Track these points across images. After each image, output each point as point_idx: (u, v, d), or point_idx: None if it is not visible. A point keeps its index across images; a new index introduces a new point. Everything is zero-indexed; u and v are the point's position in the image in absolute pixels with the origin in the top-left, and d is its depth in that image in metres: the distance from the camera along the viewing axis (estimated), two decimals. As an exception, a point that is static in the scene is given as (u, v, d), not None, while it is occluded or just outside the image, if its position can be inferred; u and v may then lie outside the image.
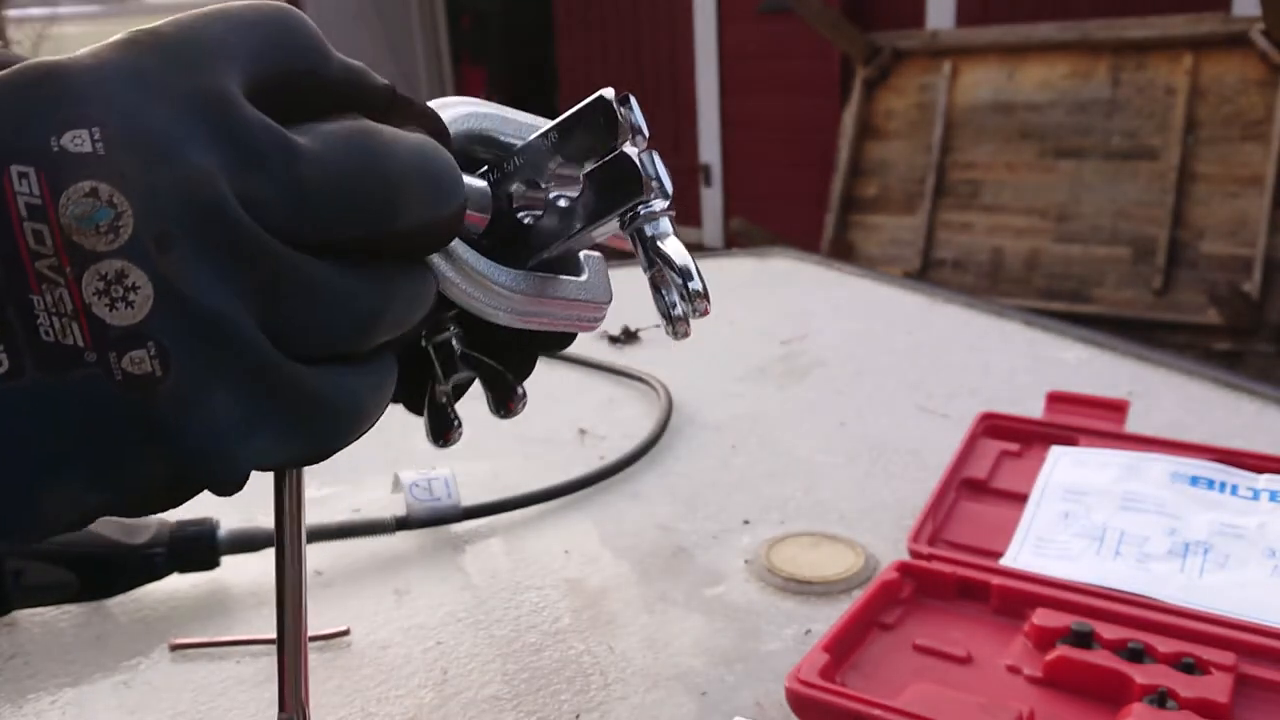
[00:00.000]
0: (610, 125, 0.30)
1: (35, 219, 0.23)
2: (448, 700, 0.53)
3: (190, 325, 0.24)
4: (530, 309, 0.32)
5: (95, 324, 0.23)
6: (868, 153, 3.98)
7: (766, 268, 1.34)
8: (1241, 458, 0.65)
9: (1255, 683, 0.49)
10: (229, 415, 0.25)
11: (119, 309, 0.23)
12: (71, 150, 0.23)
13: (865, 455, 0.79)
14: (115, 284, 0.23)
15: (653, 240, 0.31)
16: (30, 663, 0.57)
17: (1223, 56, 3.32)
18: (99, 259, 0.23)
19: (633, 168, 0.30)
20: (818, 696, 0.47)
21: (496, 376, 0.37)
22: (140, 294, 0.23)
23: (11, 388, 0.23)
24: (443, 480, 0.69)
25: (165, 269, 0.23)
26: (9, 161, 0.23)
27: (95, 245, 0.23)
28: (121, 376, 0.23)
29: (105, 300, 0.23)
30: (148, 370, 0.24)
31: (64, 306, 0.23)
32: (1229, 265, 3.21)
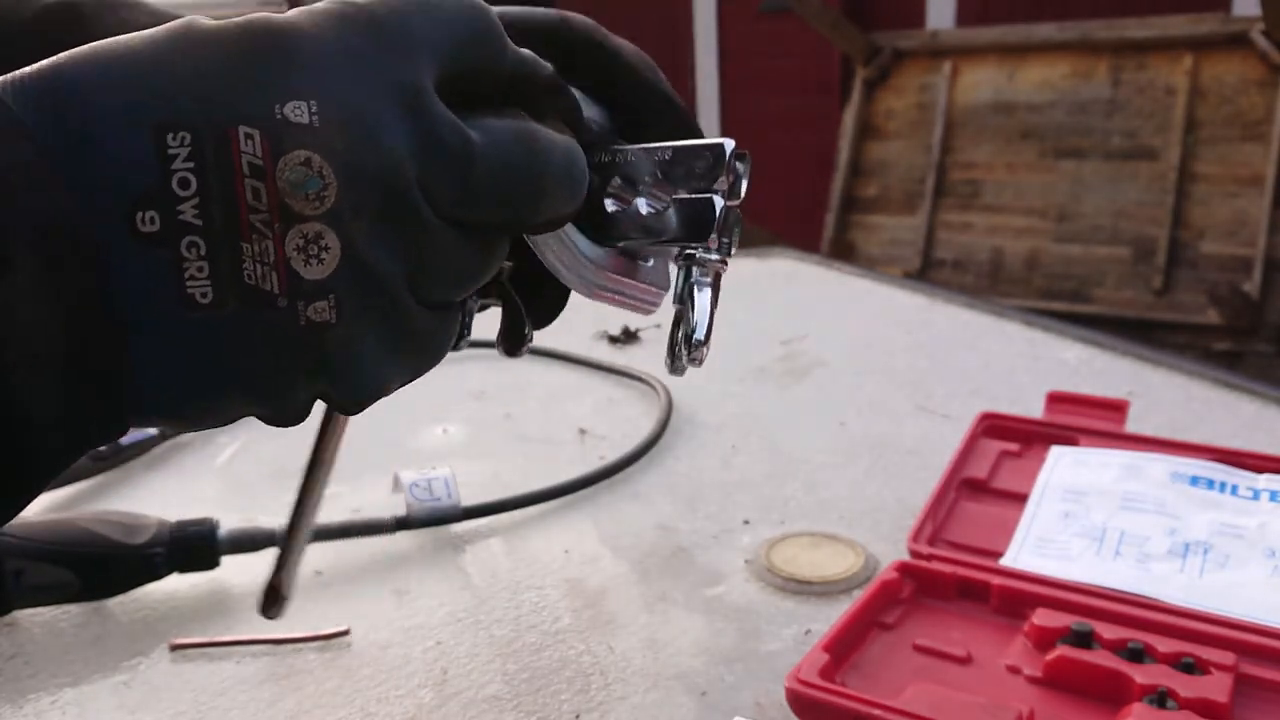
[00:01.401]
0: (715, 170, 0.33)
1: (255, 177, 0.26)
2: (448, 700, 0.53)
3: (364, 284, 0.28)
4: (603, 283, 0.35)
5: (292, 276, 0.27)
6: (868, 153, 3.98)
7: (766, 268, 1.34)
8: (1241, 458, 0.65)
9: (1255, 683, 0.49)
10: (375, 354, 0.29)
11: (312, 265, 0.27)
12: (292, 119, 0.27)
13: (865, 455, 0.79)
14: (313, 243, 0.27)
15: (692, 284, 0.34)
16: (30, 663, 0.57)
17: (1223, 57, 3.32)
18: (304, 220, 0.27)
19: (710, 217, 0.33)
20: (818, 696, 0.47)
21: (517, 314, 0.39)
22: (330, 254, 0.27)
23: (212, 316, 0.27)
24: (443, 480, 0.69)
25: (353, 235, 0.27)
26: (238, 122, 0.26)
27: (303, 209, 0.27)
28: (304, 322, 0.28)
29: (302, 256, 0.27)
30: (326, 319, 0.28)
31: (268, 257, 0.27)
32: (1229, 265, 3.21)
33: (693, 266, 0.34)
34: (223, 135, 0.26)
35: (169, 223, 0.26)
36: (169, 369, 0.27)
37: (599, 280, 0.35)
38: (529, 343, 0.39)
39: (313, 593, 0.63)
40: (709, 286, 0.34)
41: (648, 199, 0.34)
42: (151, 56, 0.27)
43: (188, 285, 0.26)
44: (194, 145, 0.26)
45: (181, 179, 0.26)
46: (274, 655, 0.57)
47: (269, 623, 0.59)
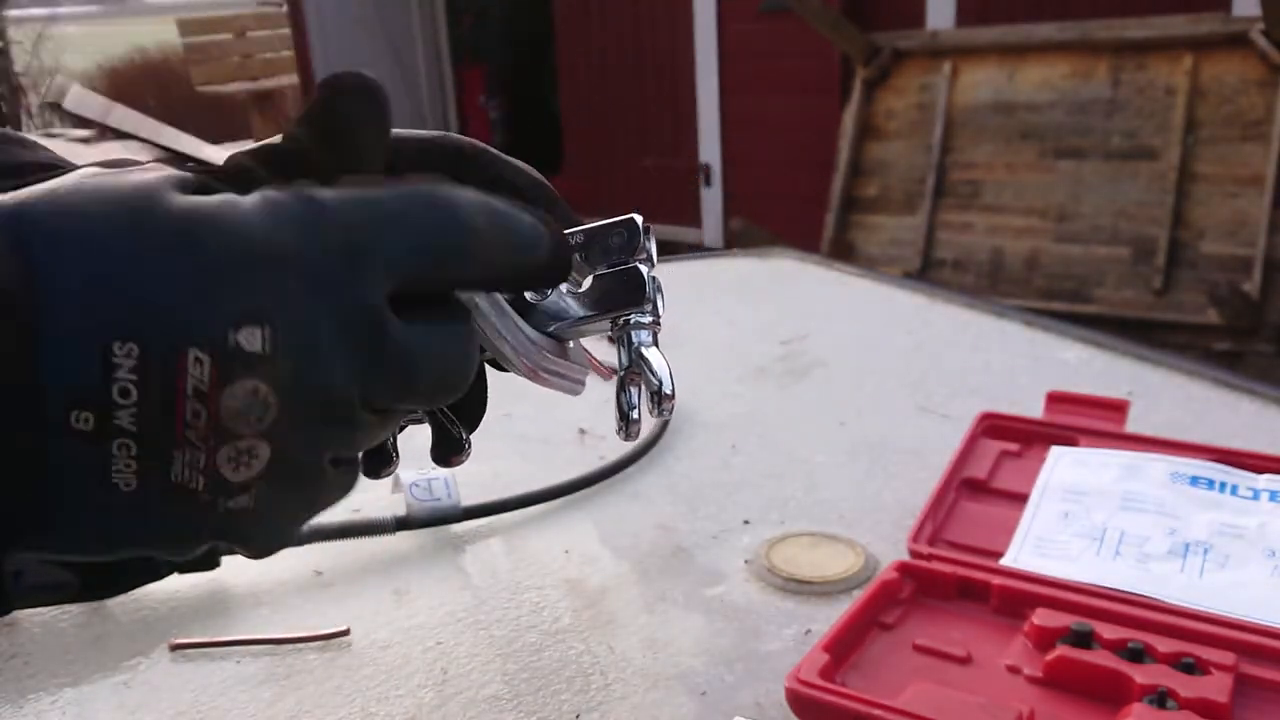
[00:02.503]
0: (633, 242, 0.35)
1: (198, 400, 0.27)
2: (448, 700, 0.53)
3: (288, 478, 0.29)
4: (546, 365, 0.36)
5: (216, 478, 0.28)
6: (868, 153, 3.98)
7: (766, 268, 1.34)
8: (1241, 458, 0.65)
9: (1255, 683, 0.49)
10: (286, 519, 0.31)
11: (240, 470, 0.28)
12: (245, 348, 0.27)
13: (865, 455, 0.79)
14: (244, 454, 0.28)
15: (637, 346, 0.36)
16: (30, 663, 0.57)
17: (1223, 56, 3.32)
18: (239, 439, 0.27)
19: (641, 282, 0.35)
20: (818, 696, 0.47)
21: (447, 426, 0.40)
22: (259, 460, 0.28)
23: (130, 496, 0.27)
24: (443, 480, 0.69)
25: (287, 446, 0.28)
26: (189, 345, 0.27)
27: (240, 430, 0.27)
28: (224, 510, 0.28)
29: (231, 465, 0.28)
30: (246, 506, 0.29)
31: (197, 464, 0.27)
32: (1229, 265, 3.21)
33: (631, 332, 0.36)
34: (171, 354, 0.26)
35: (103, 426, 0.26)
36: (82, 527, 0.28)
37: (547, 364, 0.36)
38: (468, 451, 0.40)
39: (313, 593, 0.63)
40: (654, 345, 0.36)
41: (569, 283, 0.36)
42: (113, 251, 0.27)
43: (113, 475, 0.27)
44: (140, 359, 0.26)
45: (122, 389, 0.26)
46: (274, 655, 0.57)
47: (269, 623, 0.59)
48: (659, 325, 0.36)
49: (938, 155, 3.76)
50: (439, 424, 0.40)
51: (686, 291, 1.24)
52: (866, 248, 3.90)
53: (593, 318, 0.36)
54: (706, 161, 5.44)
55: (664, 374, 0.36)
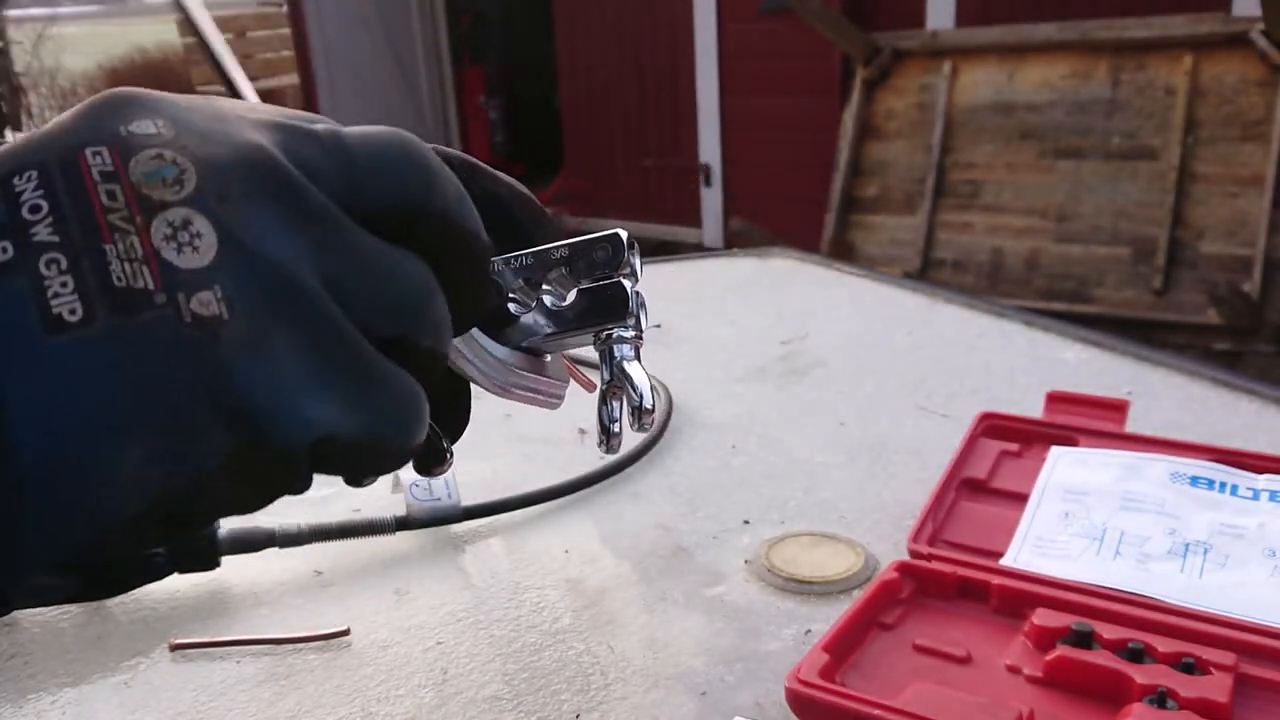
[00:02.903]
0: (618, 257, 0.35)
1: (108, 181, 0.25)
2: (448, 700, 0.53)
3: (252, 271, 0.25)
4: (515, 382, 0.37)
5: (165, 267, 0.24)
6: (868, 153, 3.98)
7: (766, 268, 1.34)
8: (1241, 458, 0.65)
9: (1255, 683, 0.49)
10: (293, 368, 0.25)
11: (185, 253, 0.25)
12: (138, 132, 0.25)
13: (865, 455, 0.79)
14: (181, 230, 0.25)
15: (619, 360, 0.36)
16: (30, 663, 0.57)
17: (1223, 56, 3.33)
18: (166, 207, 0.25)
19: (624, 296, 0.35)
20: (818, 696, 0.47)
21: (429, 437, 0.40)
22: (204, 240, 0.25)
23: (83, 336, 0.24)
24: (443, 480, 0.69)
25: (227, 218, 0.25)
26: (83, 146, 0.25)
27: (163, 196, 0.25)
28: (190, 318, 0.24)
29: (173, 245, 0.24)
30: (214, 312, 0.24)
31: (135, 252, 0.24)
32: (1229, 265, 3.21)
33: (614, 346, 0.36)
34: (71, 160, 0.25)
35: (23, 247, 0.24)
36: (46, 417, 0.23)
37: (512, 380, 0.36)
38: (450, 461, 0.39)
39: (312, 593, 0.63)
40: (636, 360, 0.36)
41: (551, 296, 0.36)
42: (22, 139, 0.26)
43: (53, 305, 0.24)
44: (40, 177, 0.24)
45: (32, 205, 0.24)
46: (274, 655, 0.57)
47: (269, 623, 0.59)
48: (641, 340, 0.36)
49: (938, 155, 3.76)
50: None
51: (686, 291, 1.24)
52: (866, 248, 3.90)
53: (575, 331, 0.36)
54: (706, 161, 5.44)
55: (645, 389, 0.36)
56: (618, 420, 0.37)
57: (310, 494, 0.41)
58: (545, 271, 0.36)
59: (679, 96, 5.48)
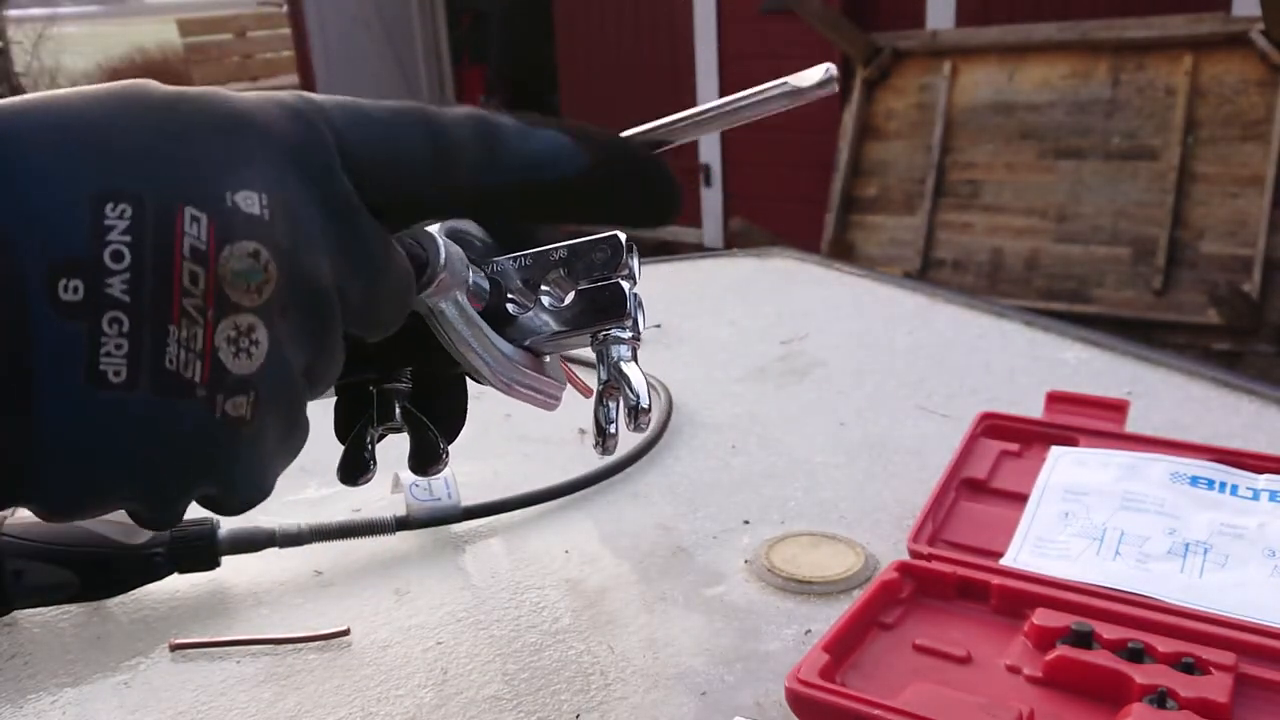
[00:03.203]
0: (616, 259, 0.36)
1: (196, 261, 0.25)
2: (448, 700, 0.53)
3: (281, 383, 0.27)
4: (518, 379, 0.37)
5: (217, 367, 0.26)
6: (868, 153, 3.98)
7: (766, 268, 1.34)
8: (1241, 458, 0.65)
9: (1255, 683, 0.49)
10: (271, 451, 0.29)
11: (240, 359, 0.26)
12: (243, 209, 0.26)
13: (865, 455, 0.79)
14: (244, 336, 0.26)
15: (616, 361, 0.36)
16: (30, 663, 0.57)
17: (1223, 56, 3.32)
18: (239, 312, 0.26)
19: (622, 298, 0.36)
20: (818, 696, 0.47)
21: (425, 436, 0.41)
22: (259, 350, 0.26)
23: (120, 397, 0.25)
24: (443, 480, 0.69)
25: (280, 332, 0.27)
26: (186, 203, 0.25)
27: (240, 300, 0.26)
28: (220, 414, 0.26)
29: (232, 349, 0.26)
30: (242, 414, 0.27)
31: (195, 344, 0.25)
32: (1229, 265, 3.21)
33: (611, 347, 0.36)
34: (167, 213, 0.25)
35: (93, 294, 0.24)
36: (64, 451, 0.25)
37: (519, 377, 0.37)
38: (446, 460, 0.40)
39: (313, 593, 0.63)
40: (633, 361, 0.37)
41: (550, 297, 0.36)
42: (99, 118, 0.25)
43: (101, 361, 0.24)
44: (134, 219, 0.24)
45: (115, 251, 0.24)
46: (274, 655, 0.57)
47: (269, 623, 0.59)
48: (639, 341, 0.37)
49: (937, 155, 3.76)
50: (418, 433, 0.40)
51: (686, 291, 1.24)
52: (866, 248, 3.90)
53: (572, 332, 0.36)
54: (706, 161, 5.44)
55: (641, 390, 0.36)
56: (614, 421, 0.37)
57: (310, 494, 0.41)
58: (544, 272, 0.36)
59: (679, 96, 5.48)
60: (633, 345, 0.37)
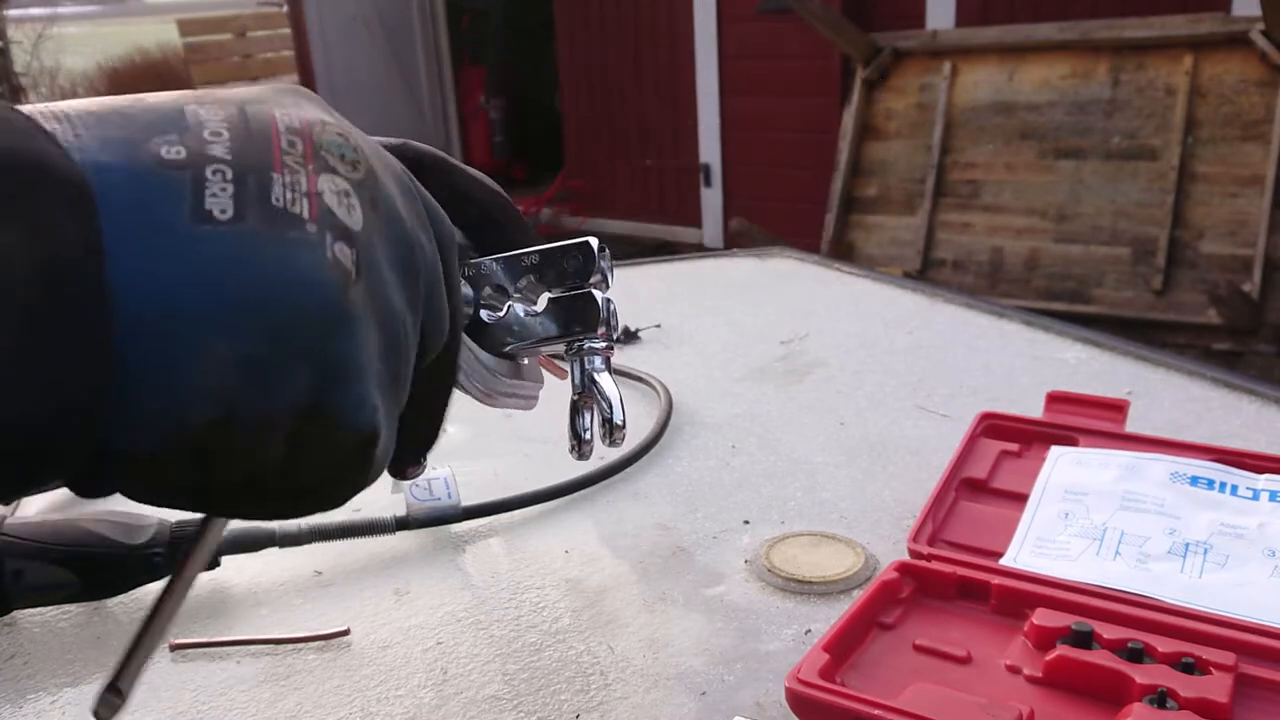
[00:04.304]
0: (589, 266, 0.35)
1: (291, 134, 0.26)
2: (448, 700, 0.53)
3: (377, 268, 0.27)
4: (498, 388, 0.37)
5: (323, 208, 0.25)
6: (868, 153, 3.98)
7: (766, 268, 1.34)
8: (1241, 458, 0.65)
9: (1255, 683, 0.49)
10: (375, 358, 0.27)
11: (343, 209, 0.26)
12: (327, 120, 0.28)
13: (865, 455, 0.79)
14: (343, 194, 0.26)
15: (590, 372, 0.36)
16: (30, 663, 0.57)
17: (1223, 56, 3.32)
18: (335, 173, 0.26)
19: (596, 307, 0.35)
20: (818, 696, 0.47)
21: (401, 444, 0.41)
22: (357, 214, 0.26)
23: (226, 231, 0.24)
24: (443, 480, 0.69)
25: (371, 220, 0.27)
26: (276, 108, 0.27)
27: (336, 165, 0.26)
28: (330, 256, 0.25)
29: (334, 196, 0.26)
30: (348, 267, 0.25)
31: (299, 185, 0.25)
32: (1229, 265, 3.21)
33: (585, 356, 0.36)
34: (260, 111, 0.26)
35: (195, 151, 0.24)
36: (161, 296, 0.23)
37: (496, 386, 0.37)
38: (423, 466, 0.39)
39: (313, 592, 0.63)
40: (606, 371, 0.36)
41: (522, 303, 0.36)
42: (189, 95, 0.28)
43: (206, 201, 0.24)
44: (227, 116, 0.26)
45: (213, 131, 0.25)
46: (274, 655, 0.57)
47: (269, 623, 0.59)
48: (613, 349, 0.37)
49: (937, 155, 3.76)
50: None
51: (686, 291, 1.24)
52: (866, 248, 3.90)
53: (547, 339, 0.36)
54: (706, 161, 5.44)
55: (615, 402, 0.36)
56: (590, 429, 0.37)
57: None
58: (517, 276, 0.36)
59: (679, 96, 5.48)
60: (606, 355, 0.37)
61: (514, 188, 6.64)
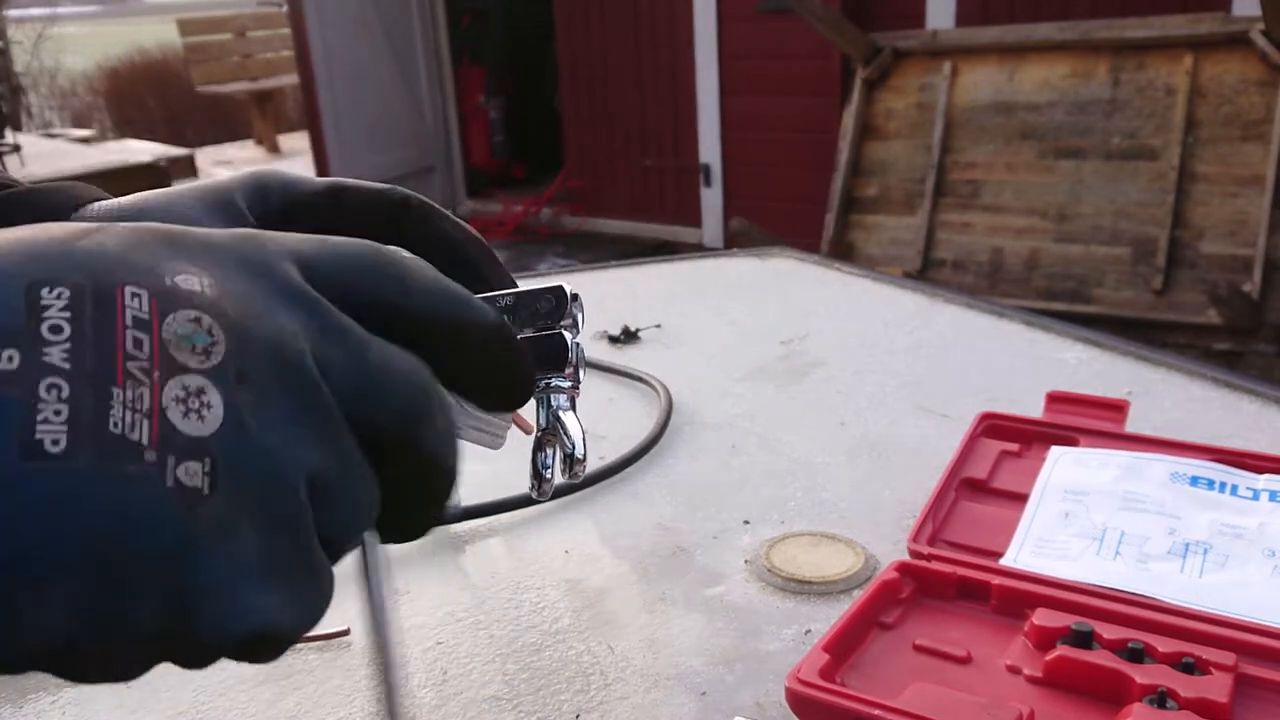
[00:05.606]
0: (560, 309, 0.36)
1: (138, 329, 0.24)
2: (448, 700, 0.53)
3: (246, 457, 0.25)
4: (466, 420, 0.37)
5: (165, 426, 0.24)
6: (868, 153, 3.98)
7: (766, 268, 1.34)
8: (1241, 458, 0.65)
9: (1255, 683, 0.49)
10: (250, 557, 0.25)
11: (190, 419, 0.24)
12: (182, 287, 0.25)
13: (865, 455, 0.79)
14: (194, 397, 0.24)
15: (555, 410, 0.37)
16: (30, 663, 0.57)
17: (1223, 56, 3.32)
18: (186, 372, 0.24)
19: (564, 348, 0.36)
20: (818, 696, 0.47)
21: None
22: (212, 413, 0.24)
23: (57, 468, 0.22)
24: (443, 480, 0.69)
25: (239, 400, 0.25)
26: (125, 283, 0.24)
27: (187, 361, 0.24)
28: (173, 483, 0.23)
29: (181, 408, 0.24)
30: (196, 484, 0.24)
31: (141, 404, 0.23)
32: (1229, 265, 3.21)
33: (550, 395, 0.37)
34: (107, 292, 0.24)
35: (29, 362, 0.22)
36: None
37: (466, 420, 0.37)
38: None
39: (313, 593, 0.63)
40: (571, 410, 0.37)
41: None
42: (43, 236, 0.25)
43: (37, 430, 0.22)
44: (72, 299, 0.23)
45: (53, 325, 0.23)
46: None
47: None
48: (578, 390, 0.37)
49: (938, 155, 3.76)
50: None
51: (686, 291, 1.24)
52: (866, 248, 3.90)
53: None
54: (706, 161, 5.44)
55: (578, 439, 0.37)
56: (551, 467, 0.39)
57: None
58: None
59: (679, 96, 5.48)
60: (572, 395, 0.38)
61: (514, 188, 6.65)
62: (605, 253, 5.47)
